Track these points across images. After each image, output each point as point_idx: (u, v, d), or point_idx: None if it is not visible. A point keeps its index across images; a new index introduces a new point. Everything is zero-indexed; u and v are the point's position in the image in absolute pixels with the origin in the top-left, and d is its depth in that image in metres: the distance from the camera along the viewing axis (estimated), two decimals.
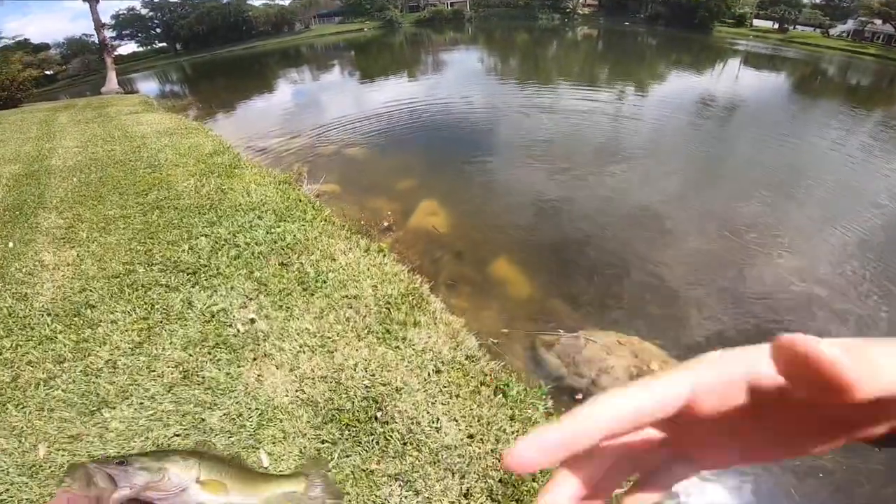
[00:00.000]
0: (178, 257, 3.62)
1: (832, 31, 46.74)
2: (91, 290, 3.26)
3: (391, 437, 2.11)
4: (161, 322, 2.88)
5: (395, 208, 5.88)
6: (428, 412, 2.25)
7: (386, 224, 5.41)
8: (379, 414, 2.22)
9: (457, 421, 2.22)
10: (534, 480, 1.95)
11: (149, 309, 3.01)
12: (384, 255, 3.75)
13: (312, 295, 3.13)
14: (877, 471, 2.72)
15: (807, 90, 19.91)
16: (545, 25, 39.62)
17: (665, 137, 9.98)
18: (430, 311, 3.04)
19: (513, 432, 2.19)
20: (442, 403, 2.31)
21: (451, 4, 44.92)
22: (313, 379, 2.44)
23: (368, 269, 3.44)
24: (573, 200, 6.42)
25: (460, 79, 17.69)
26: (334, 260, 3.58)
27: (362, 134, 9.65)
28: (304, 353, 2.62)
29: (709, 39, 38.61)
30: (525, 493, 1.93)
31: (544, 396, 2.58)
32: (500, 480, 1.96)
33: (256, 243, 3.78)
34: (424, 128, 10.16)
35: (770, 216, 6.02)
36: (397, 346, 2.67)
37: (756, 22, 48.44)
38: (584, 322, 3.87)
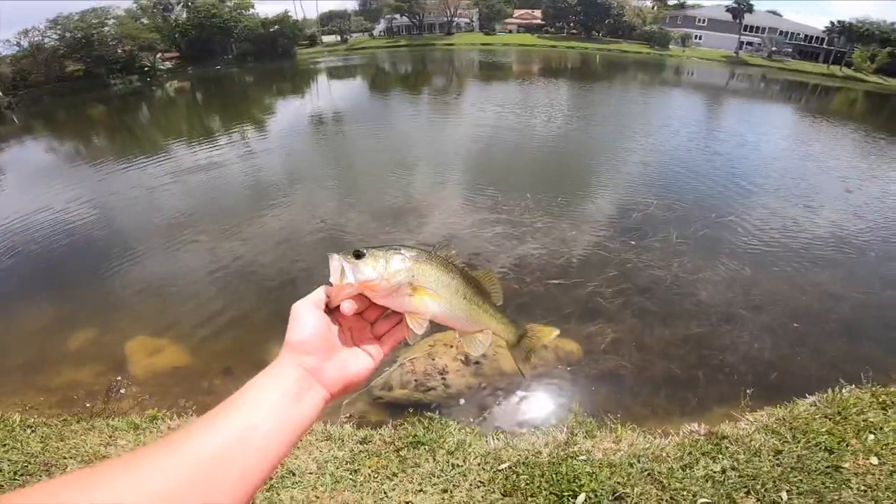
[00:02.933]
0: None
1: (374, 32, 60.90)
2: None
3: None
4: None
5: (95, 370, 4.29)
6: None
7: (106, 392, 3.95)
8: None
9: (421, 490, 2.35)
10: None
11: None
12: (165, 420, 3.14)
13: None
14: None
15: (377, 86, 25.83)
16: (124, 90, 34.38)
17: (299, 160, 10.98)
18: None
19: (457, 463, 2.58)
20: (393, 489, 2.36)
21: None
22: None
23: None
24: (250, 262, 6.16)
25: (33, 181, 13.10)
26: (106, 457, 2.77)
27: None
28: None
29: (295, 63, 43.29)
30: None
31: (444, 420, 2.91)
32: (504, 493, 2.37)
33: None
34: (36, 261, 7.00)
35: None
36: (297, 482, 2.47)
37: (325, 38, 57.42)
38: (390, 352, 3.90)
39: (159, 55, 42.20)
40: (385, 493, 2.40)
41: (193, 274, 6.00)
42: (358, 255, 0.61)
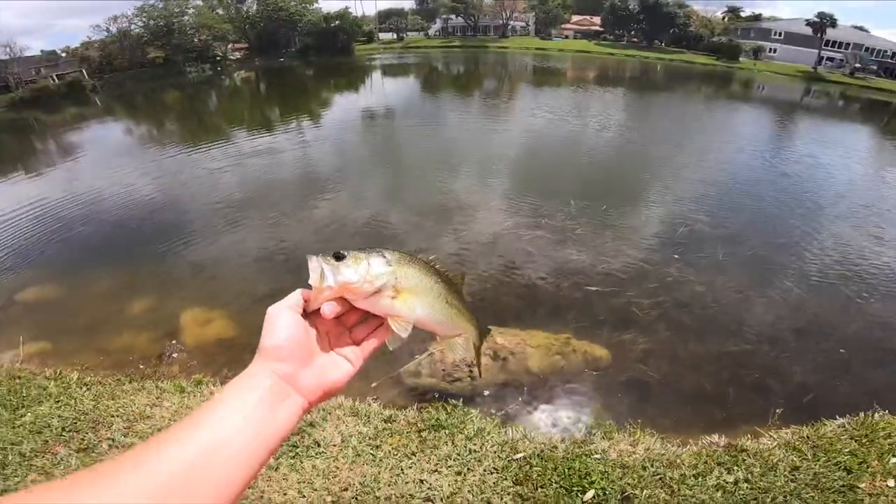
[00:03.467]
0: None
1: (430, 32, 61.78)
2: None
3: None
4: None
5: (150, 336, 4.68)
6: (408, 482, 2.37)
7: (158, 357, 4.29)
8: None
9: (436, 471, 2.44)
10: None
11: None
12: (209, 385, 3.28)
13: None
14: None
15: (429, 86, 26.22)
16: (197, 78, 37.01)
17: (349, 153, 11.55)
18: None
19: (474, 448, 2.62)
20: (410, 468, 2.45)
21: (58, 77, 35.93)
22: None
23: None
24: (295, 247, 6.53)
25: (110, 159, 14.55)
26: (150, 418, 2.95)
27: (16, 268, 6.80)
28: None
29: (353, 59, 44.75)
30: None
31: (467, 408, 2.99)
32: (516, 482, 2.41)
33: (13, 444, 2.79)
34: (108, 233, 7.93)
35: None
36: (320, 452, 2.62)
37: (382, 35, 58.97)
38: (421, 341, 4.05)
39: (230, 45, 44.93)
40: (402, 469, 2.51)
41: (244, 255, 6.43)
42: (338, 257, 0.59)
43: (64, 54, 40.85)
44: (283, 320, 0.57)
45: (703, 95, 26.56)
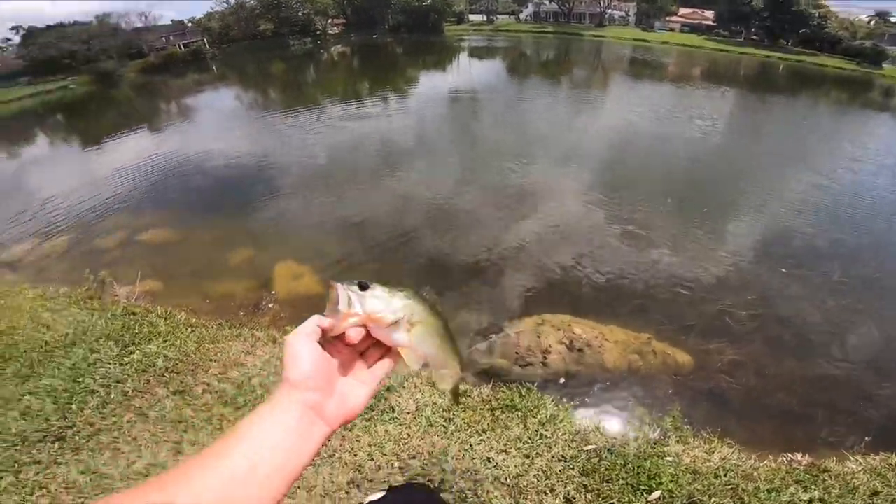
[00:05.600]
0: (17, 428, 2.62)
1: (521, 16, 60.01)
2: None
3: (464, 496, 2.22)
4: (81, 502, 2.21)
5: (248, 286, 5.04)
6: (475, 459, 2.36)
7: (254, 306, 4.58)
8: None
9: (505, 451, 2.45)
10: None
11: (45, 493, 2.25)
12: None
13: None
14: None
15: (517, 70, 25.57)
16: (299, 51, 39.50)
17: (431, 131, 11.80)
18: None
19: (545, 434, 2.61)
20: (479, 444, 2.47)
21: (185, 45, 40.37)
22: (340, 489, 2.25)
23: None
24: (372, 219, 6.76)
25: (220, 121, 16.20)
26: (243, 365, 3.08)
27: (141, 210, 7.79)
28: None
29: (443, 39, 44.89)
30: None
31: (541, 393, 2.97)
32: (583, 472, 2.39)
33: (118, 381, 2.95)
34: (216, 186, 8.87)
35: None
36: (394, 418, 2.66)
37: (472, 17, 58.45)
38: (496, 320, 4.13)
39: (329, 20, 47.15)
40: (471, 445, 2.50)
41: (327, 218, 6.83)
42: (363, 287, 0.63)
43: (190, 24, 45.65)
44: (304, 350, 0.58)
45: (833, 101, 23.05)
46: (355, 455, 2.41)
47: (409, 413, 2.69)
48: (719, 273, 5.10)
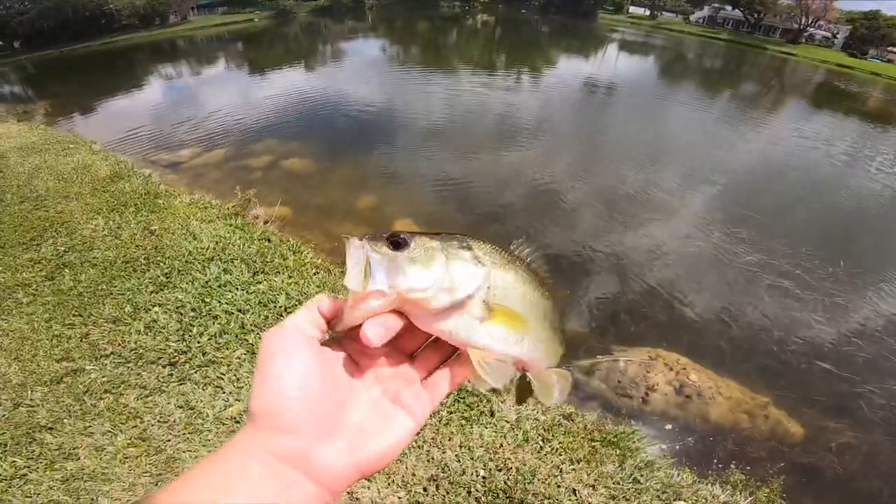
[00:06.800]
0: (137, 342, 2.71)
1: (692, 18, 53.48)
2: (33, 406, 2.35)
3: None
4: (167, 441, 2.19)
5: (368, 231, 5.42)
6: (561, 487, 2.24)
7: None
8: None
9: (593, 487, 2.27)
10: None
11: (137, 424, 2.26)
12: None
13: None
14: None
15: (669, 74, 22.98)
16: (447, 14, 40.03)
17: (555, 115, 11.59)
18: None
19: (639, 478, 2.36)
20: (569, 472, 2.33)
21: None
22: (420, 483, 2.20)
23: None
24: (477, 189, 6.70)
25: (366, 70, 17.18)
26: None
27: (288, 138, 8.45)
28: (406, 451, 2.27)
29: (593, 26, 41.96)
30: None
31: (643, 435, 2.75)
32: None
33: (240, 310, 2.95)
34: (353, 129, 9.40)
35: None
36: (492, 423, 2.53)
37: (631, 9, 53.61)
38: (604, 340, 3.87)
39: None
40: (562, 471, 2.35)
41: (446, 179, 6.90)
42: (396, 244, 0.37)
43: None
44: (286, 359, 0.34)
45: None
46: (444, 452, 2.35)
47: (507, 422, 2.55)
48: (872, 354, 4.20)
